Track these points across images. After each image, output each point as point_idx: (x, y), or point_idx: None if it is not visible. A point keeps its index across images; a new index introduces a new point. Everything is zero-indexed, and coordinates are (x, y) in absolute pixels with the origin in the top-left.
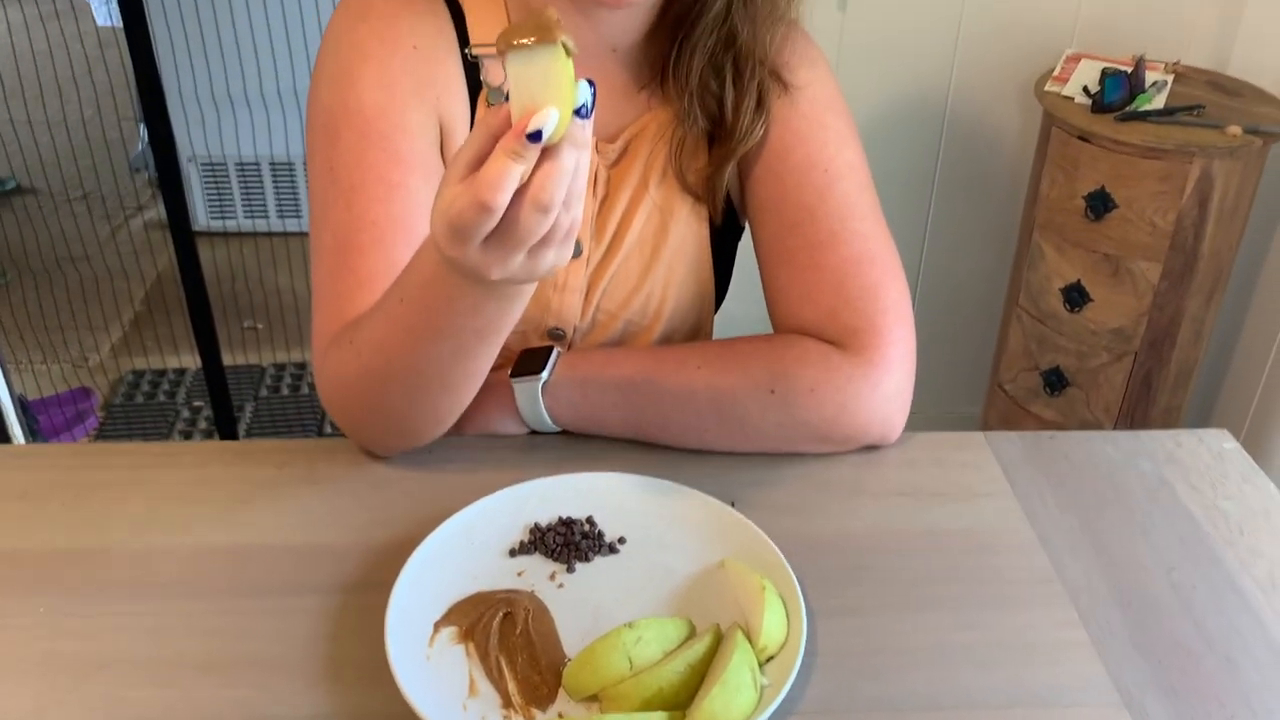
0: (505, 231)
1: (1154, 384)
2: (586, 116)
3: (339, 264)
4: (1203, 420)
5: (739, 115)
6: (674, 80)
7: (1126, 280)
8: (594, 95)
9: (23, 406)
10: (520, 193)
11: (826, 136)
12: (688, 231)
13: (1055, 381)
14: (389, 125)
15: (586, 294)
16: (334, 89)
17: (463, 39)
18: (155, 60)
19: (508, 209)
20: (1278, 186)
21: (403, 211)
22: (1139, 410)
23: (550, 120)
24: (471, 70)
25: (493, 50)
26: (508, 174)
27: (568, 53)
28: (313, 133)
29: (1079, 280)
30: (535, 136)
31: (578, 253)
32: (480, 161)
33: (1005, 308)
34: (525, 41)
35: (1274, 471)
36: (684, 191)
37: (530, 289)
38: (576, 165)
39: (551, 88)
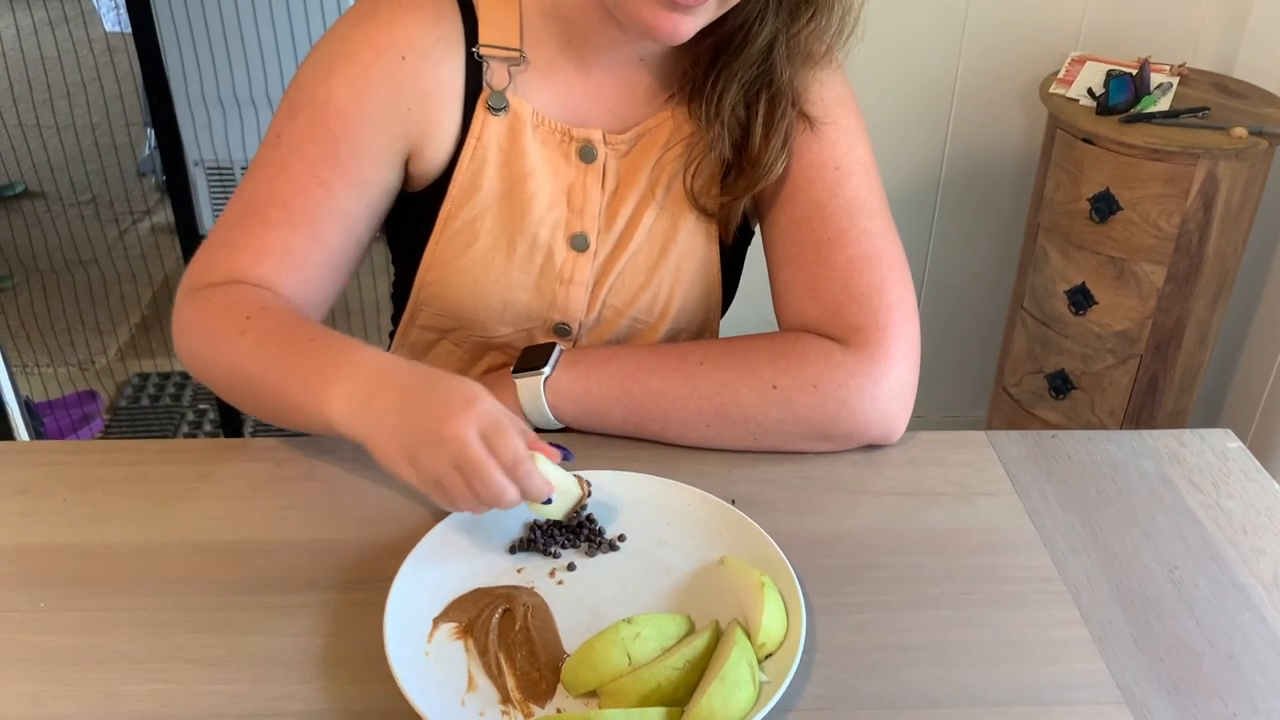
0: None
1: (1159, 387)
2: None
3: (244, 222)
4: (1209, 424)
5: (765, 151)
6: (705, 105)
7: (1131, 283)
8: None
9: (28, 409)
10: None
11: (838, 134)
12: (697, 235)
13: (1060, 385)
14: (341, 128)
15: (594, 289)
16: (312, 75)
17: (473, 38)
18: (164, 65)
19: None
20: None
21: (315, 207)
22: (1144, 413)
23: (551, 508)
24: (476, 69)
25: (498, 52)
26: (521, 459)
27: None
28: (284, 100)
29: (1083, 283)
30: (547, 501)
31: (583, 247)
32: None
33: (1009, 311)
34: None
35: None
36: (693, 207)
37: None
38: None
39: (560, 507)
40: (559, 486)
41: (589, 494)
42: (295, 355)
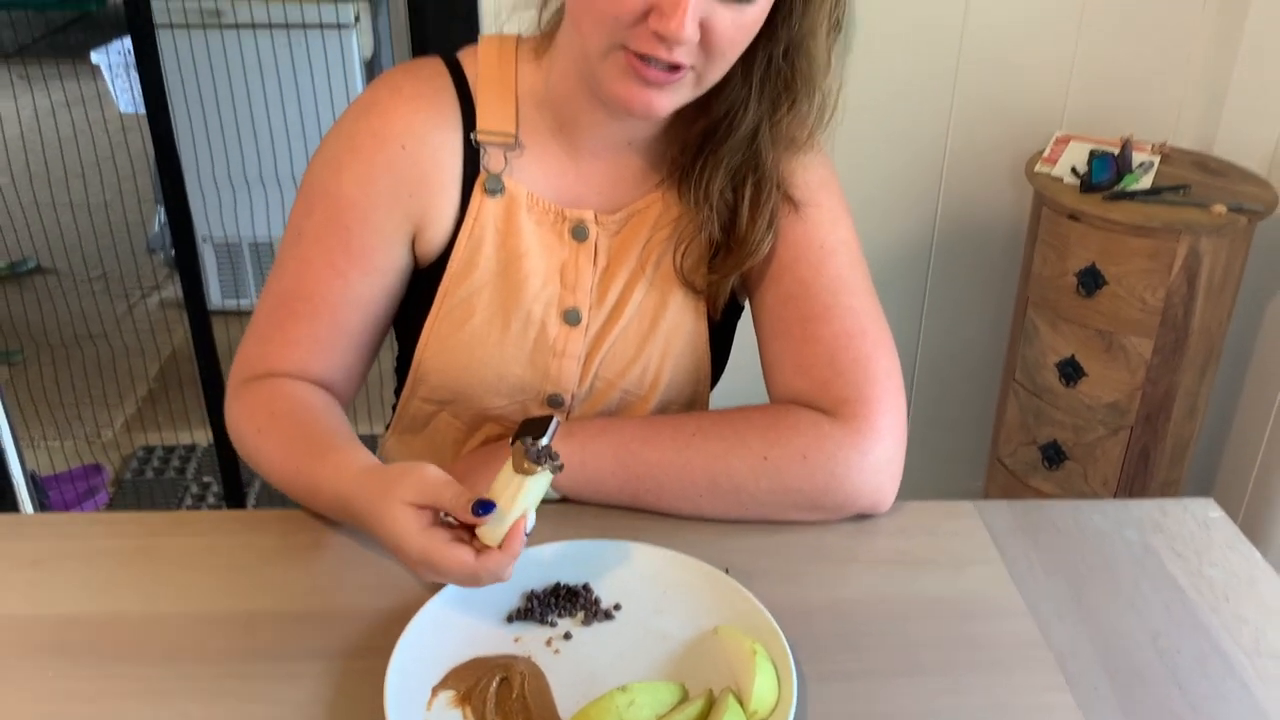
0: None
1: (1151, 457)
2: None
3: (274, 316)
4: (1203, 494)
5: (752, 232)
6: (694, 189)
7: (1119, 355)
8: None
9: (34, 482)
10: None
11: (821, 215)
12: (685, 310)
13: (1053, 455)
14: (353, 219)
15: (585, 361)
16: (324, 169)
17: (470, 123)
18: (176, 146)
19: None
20: (1266, 262)
21: (336, 297)
22: (1137, 483)
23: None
24: (473, 154)
25: (495, 138)
26: (505, 568)
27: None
28: (300, 193)
29: (1073, 355)
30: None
31: (576, 321)
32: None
33: (1002, 382)
34: (539, 468)
35: (1275, 544)
36: (682, 283)
37: None
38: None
39: (536, 496)
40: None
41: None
42: (299, 482)
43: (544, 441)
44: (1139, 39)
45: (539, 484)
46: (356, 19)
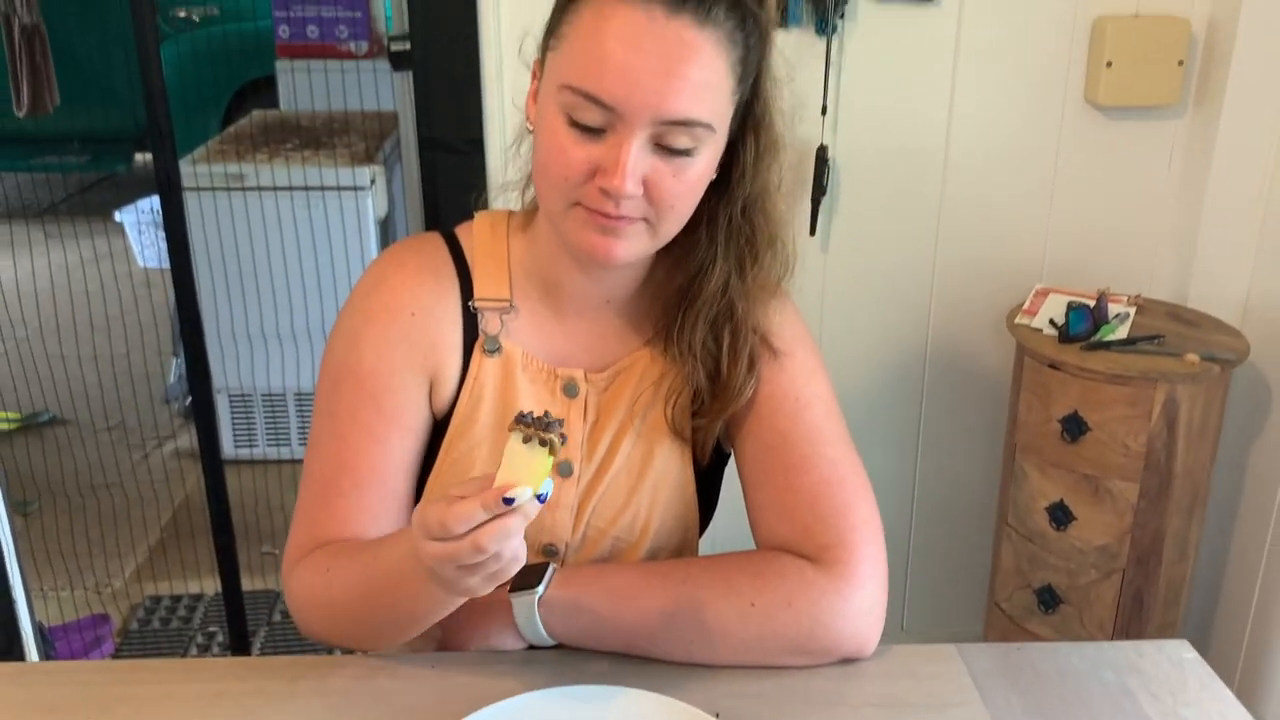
0: (451, 548)
1: (1145, 601)
2: (542, 502)
3: (321, 496)
4: (1203, 636)
5: (734, 375)
6: (677, 343)
7: (1106, 499)
8: (549, 493)
9: (41, 633)
10: (473, 531)
11: (797, 368)
12: (671, 460)
13: (1048, 599)
14: (379, 386)
15: (578, 511)
16: (344, 345)
17: (468, 292)
18: (198, 301)
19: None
20: (1246, 408)
21: (380, 463)
22: (1133, 627)
23: (524, 495)
24: (472, 319)
25: (491, 304)
26: (473, 517)
27: (553, 453)
28: (323, 372)
29: (1062, 500)
30: (508, 501)
31: (568, 473)
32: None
33: (996, 526)
34: (532, 434)
35: (1276, 686)
36: (671, 433)
37: (457, 601)
38: (516, 530)
39: (534, 473)
40: (520, 468)
41: (546, 434)
42: (377, 570)
43: (540, 590)
44: (1111, 199)
45: (520, 450)
46: (372, 182)
